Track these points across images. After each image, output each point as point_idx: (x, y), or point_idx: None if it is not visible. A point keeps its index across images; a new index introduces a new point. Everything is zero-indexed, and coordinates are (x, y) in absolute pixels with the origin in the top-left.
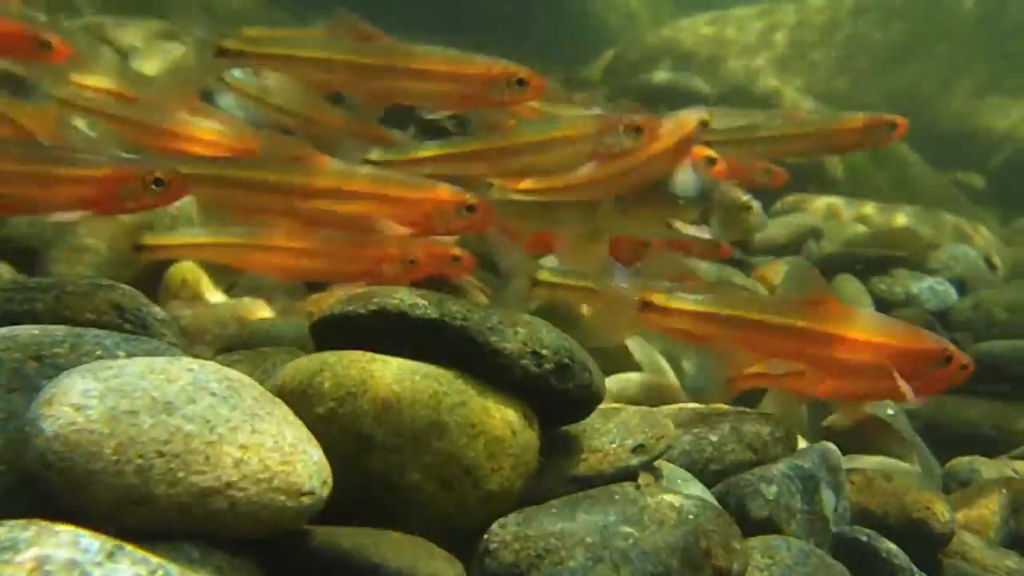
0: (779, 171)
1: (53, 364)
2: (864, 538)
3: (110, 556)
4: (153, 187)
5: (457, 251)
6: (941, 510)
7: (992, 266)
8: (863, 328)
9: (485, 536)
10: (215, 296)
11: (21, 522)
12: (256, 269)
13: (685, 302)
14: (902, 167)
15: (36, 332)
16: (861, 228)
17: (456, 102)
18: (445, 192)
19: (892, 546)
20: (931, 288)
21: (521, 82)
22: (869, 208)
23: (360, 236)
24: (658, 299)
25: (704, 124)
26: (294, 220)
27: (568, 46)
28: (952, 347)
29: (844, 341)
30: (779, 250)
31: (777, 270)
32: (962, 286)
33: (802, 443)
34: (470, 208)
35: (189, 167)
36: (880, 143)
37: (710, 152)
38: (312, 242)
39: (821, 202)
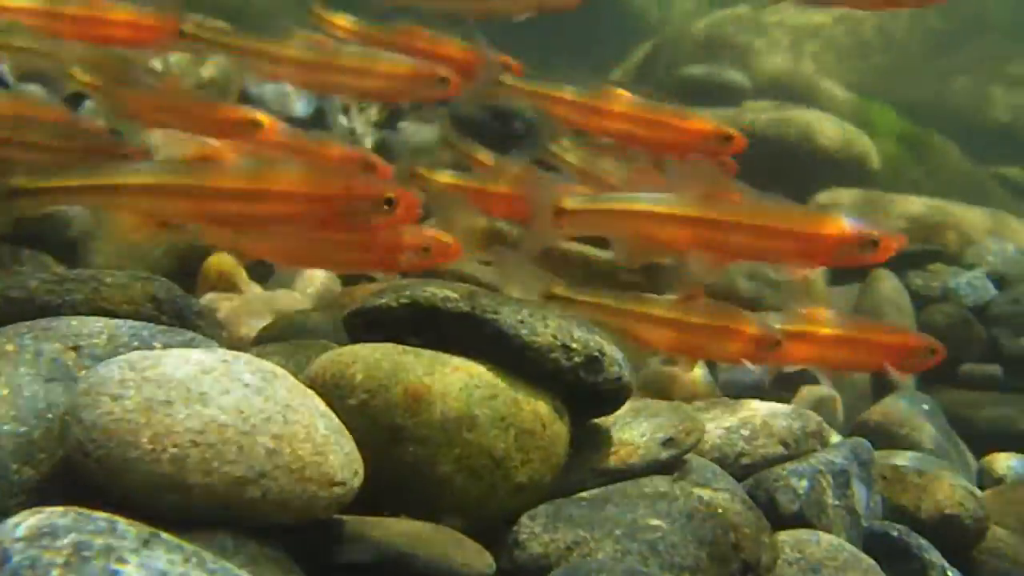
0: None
1: (91, 355)
2: (896, 533)
3: (146, 543)
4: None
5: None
6: (974, 506)
7: None
8: (763, 214)
9: (515, 527)
10: (251, 288)
11: (59, 509)
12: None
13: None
14: (941, 160)
15: (74, 323)
16: (900, 223)
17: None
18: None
19: (924, 541)
20: (969, 283)
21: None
22: (906, 202)
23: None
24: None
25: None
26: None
27: (604, 38)
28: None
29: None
30: None
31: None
32: (1001, 281)
33: (834, 438)
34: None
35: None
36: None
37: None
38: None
39: (858, 195)
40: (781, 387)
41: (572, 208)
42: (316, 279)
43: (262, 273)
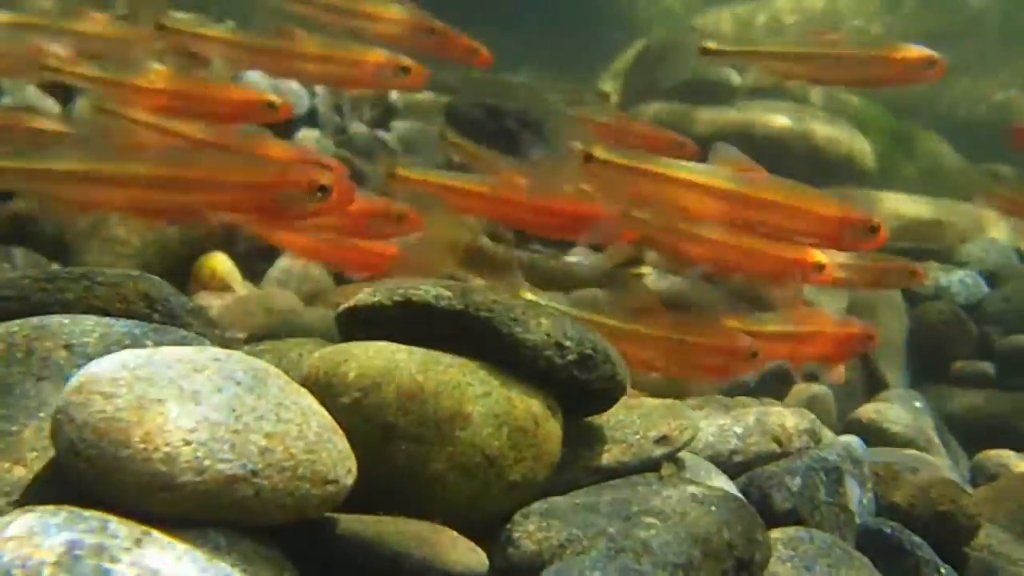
0: (690, 143)
1: (83, 353)
2: (889, 531)
3: (138, 542)
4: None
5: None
6: (967, 503)
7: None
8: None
9: (508, 525)
10: (244, 287)
11: (51, 508)
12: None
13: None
14: (934, 158)
15: (66, 321)
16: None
17: None
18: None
19: (917, 538)
20: (961, 281)
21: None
22: (899, 200)
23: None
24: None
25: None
26: None
27: (596, 37)
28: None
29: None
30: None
31: None
32: (993, 279)
33: (827, 435)
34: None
35: None
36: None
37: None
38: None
39: (853, 193)
40: (774, 385)
41: (602, 158)
42: (309, 278)
43: (254, 272)
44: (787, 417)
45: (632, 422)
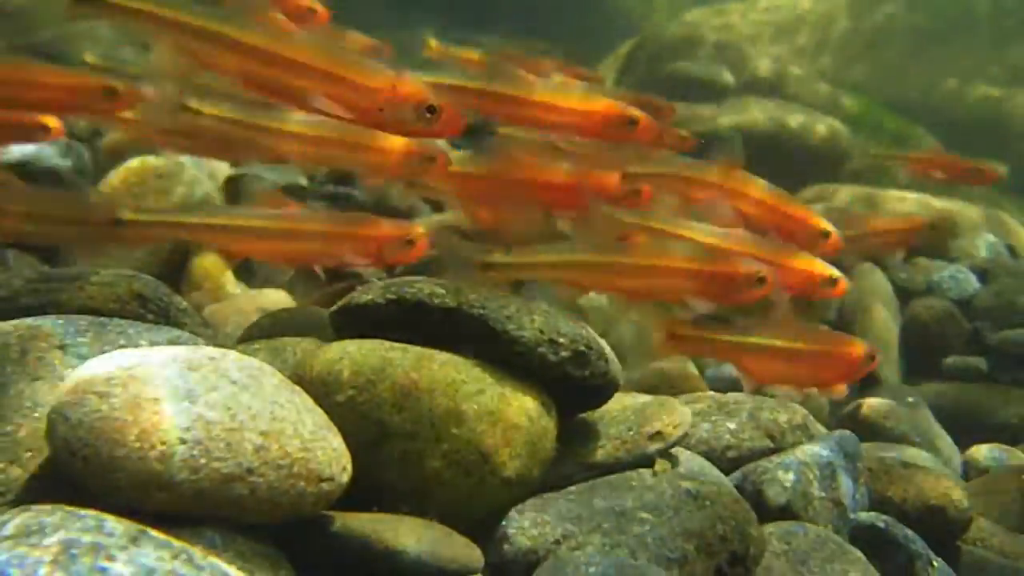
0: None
1: (77, 353)
2: (882, 524)
3: (134, 540)
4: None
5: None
6: (959, 497)
7: (1015, 254)
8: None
9: (503, 522)
10: (236, 287)
11: (47, 507)
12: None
13: None
14: None
15: (61, 322)
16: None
17: None
18: None
19: (910, 532)
20: (952, 276)
21: None
22: (893, 197)
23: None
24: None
25: None
26: None
27: (589, 35)
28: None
29: None
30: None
31: None
32: (984, 274)
33: (820, 431)
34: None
35: None
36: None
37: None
38: None
39: (845, 192)
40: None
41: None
42: (301, 277)
43: (247, 272)
44: (780, 413)
45: (626, 418)
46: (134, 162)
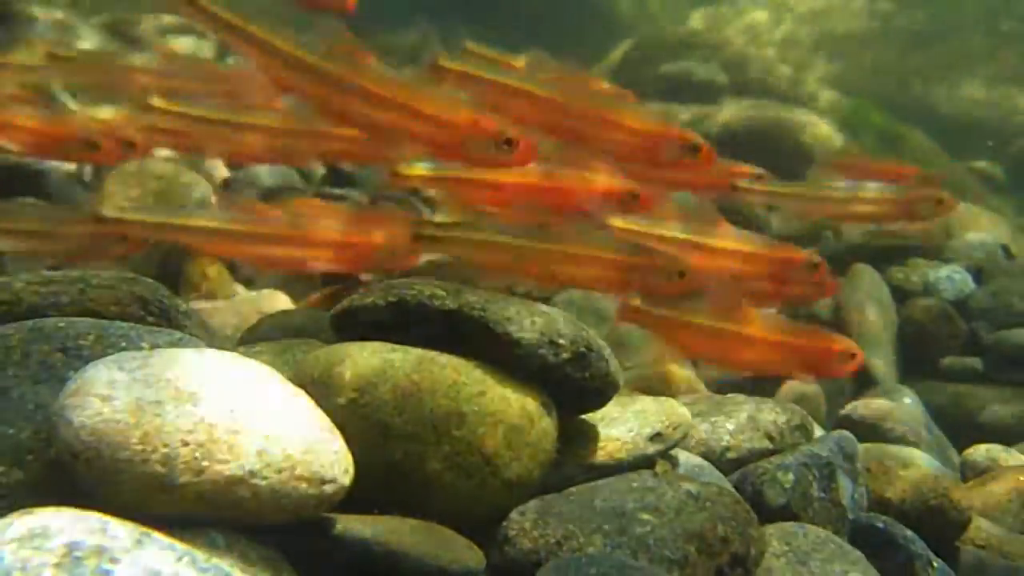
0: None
1: (79, 356)
2: (881, 525)
3: (138, 543)
4: None
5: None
6: (958, 497)
7: (1010, 255)
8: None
9: (504, 523)
10: (236, 289)
11: (51, 510)
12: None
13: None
14: (918, 156)
15: (62, 324)
16: None
17: None
18: None
19: (909, 532)
20: (948, 277)
21: None
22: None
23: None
24: None
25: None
26: None
27: (579, 37)
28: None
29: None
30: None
31: None
32: (980, 275)
33: (819, 431)
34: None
35: None
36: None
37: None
38: None
39: None
40: (764, 382)
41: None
42: (300, 278)
43: (247, 274)
44: (779, 413)
45: (626, 419)
46: (131, 165)
